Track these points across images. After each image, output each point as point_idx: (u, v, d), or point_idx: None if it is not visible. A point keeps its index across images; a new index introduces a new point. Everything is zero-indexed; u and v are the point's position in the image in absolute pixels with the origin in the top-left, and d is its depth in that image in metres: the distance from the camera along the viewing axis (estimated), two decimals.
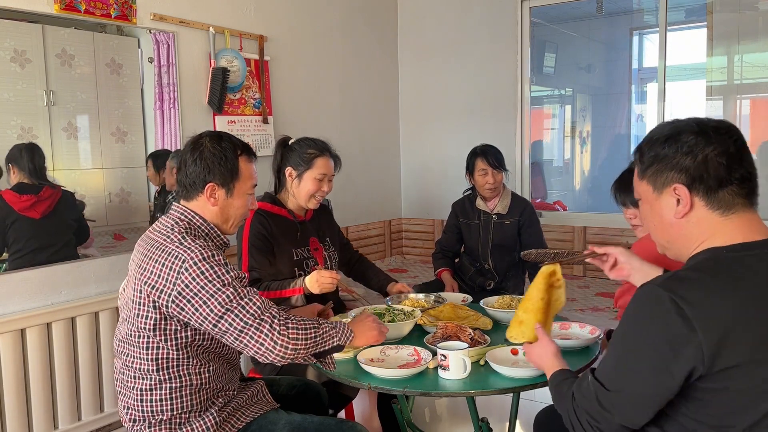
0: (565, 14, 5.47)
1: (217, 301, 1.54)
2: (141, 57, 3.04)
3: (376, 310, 2.25)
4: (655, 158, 1.22)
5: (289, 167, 2.41)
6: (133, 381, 1.66)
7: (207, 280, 1.55)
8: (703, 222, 1.18)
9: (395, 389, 1.74)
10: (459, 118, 4.56)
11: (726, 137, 1.17)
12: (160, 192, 3.11)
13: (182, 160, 1.74)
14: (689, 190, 1.17)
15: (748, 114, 4.10)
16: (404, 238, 4.94)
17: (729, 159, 1.15)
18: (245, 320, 1.54)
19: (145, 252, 1.66)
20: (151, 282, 1.59)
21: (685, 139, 1.18)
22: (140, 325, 1.62)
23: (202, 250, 1.58)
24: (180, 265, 1.56)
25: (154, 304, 1.59)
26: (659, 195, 1.22)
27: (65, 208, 2.76)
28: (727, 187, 1.15)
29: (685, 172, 1.17)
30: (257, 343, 1.54)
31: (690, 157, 1.16)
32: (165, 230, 1.67)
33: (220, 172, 1.71)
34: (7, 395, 2.50)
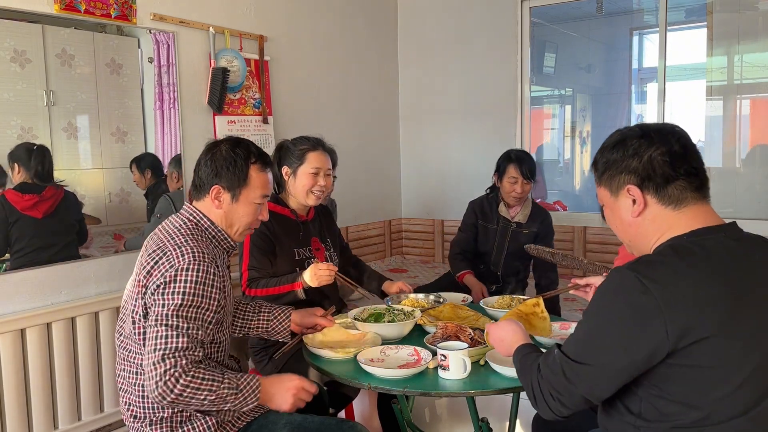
0: (565, 14, 5.46)
1: (163, 311, 1.55)
2: (141, 57, 3.04)
3: (376, 310, 2.25)
4: (606, 164, 1.32)
5: (284, 166, 2.42)
6: (134, 377, 1.67)
7: (174, 290, 1.56)
8: (658, 218, 1.27)
9: (395, 389, 1.74)
10: (459, 118, 4.56)
11: (669, 137, 1.26)
12: (146, 195, 3.11)
13: (197, 161, 1.78)
14: (641, 190, 1.26)
15: (748, 114, 4.10)
16: (404, 238, 4.94)
17: (672, 157, 1.24)
18: (156, 347, 1.52)
19: (149, 249, 1.68)
20: (143, 277, 1.62)
21: (630, 143, 1.28)
22: (137, 320, 1.64)
23: (193, 260, 1.59)
24: (167, 268, 1.59)
25: (142, 296, 1.62)
26: (616, 198, 1.32)
27: (68, 208, 2.76)
28: (674, 182, 1.24)
29: (634, 173, 1.26)
30: (148, 374, 1.53)
31: (636, 159, 1.26)
32: (172, 230, 1.70)
33: (228, 176, 1.73)
34: (7, 395, 2.50)
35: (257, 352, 2.44)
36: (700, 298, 1.14)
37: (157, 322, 1.54)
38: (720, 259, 1.19)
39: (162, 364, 1.51)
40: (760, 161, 4.04)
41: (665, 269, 1.17)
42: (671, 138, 1.26)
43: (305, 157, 2.39)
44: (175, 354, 1.52)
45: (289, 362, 2.35)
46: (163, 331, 1.53)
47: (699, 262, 1.18)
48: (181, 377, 1.51)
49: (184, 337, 1.54)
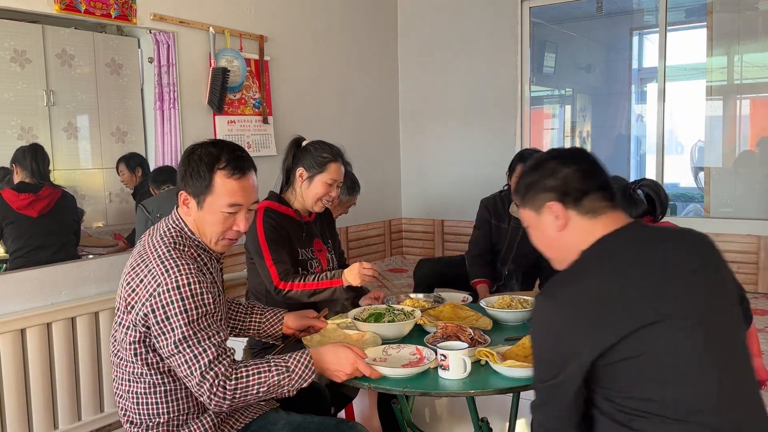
0: (565, 14, 5.47)
1: (175, 337, 1.52)
2: (141, 57, 3.04)
3: (377, 310, 2.25)
4: (528, 186, 1.44)
5: (301, 168, 2.40)
6: (128, 384, 1.65)
7: (174, 311, 1.52)
8: (578, 228, 1.38)
9: (395, 389, 1.74)
10: (459, 118, 4.56)
11: (579, 158, 1.42)
12: (134, 194, 3.10)
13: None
14: (562, 204, 1.38)
15: (748, 114, 4.10)
16: (404, 238, 4.94)
17: (584, 173, 1.39)
18: (191, 370, 1.52)
19: (132, 262, 1.64)
20: (128, 295, 1.59)
21: (547, 165, 1.42)
22: (126, 332, 1.61)
23: (179, 275, 1.54)
24: (155, 288, 1.54)
25: (128, 313, 1.59)
26: (539, 215, 1.42)
27: (64, 208, 2.75)
28: (589, 194, 1.37)
29: (554, 191, 1.39)
30: (198, 392, 1.55)
31: (554, 178, 1.39)
32: (156, 240, 1.64)
33: (192, 181, 1.63)
34: (7, 395, 2.50)
35: (255, 353, 2.44)
36: (609, 297, 1.24)
37: (178, 348, 1.53)
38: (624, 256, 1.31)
39: (205, 382, 1.52)
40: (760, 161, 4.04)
41: (570, 283, 1.31)
42: (580, 158, 1.42)
43: (327, 166, 2.37)
44: (211, 368, 1.52)
45: None
46: (189, 354, 1.52)
47: (605, 264, 1.31)
48: (227, 384, 1.52)
49: (210, 348, 1.53)
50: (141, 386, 1.63)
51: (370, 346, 1.97)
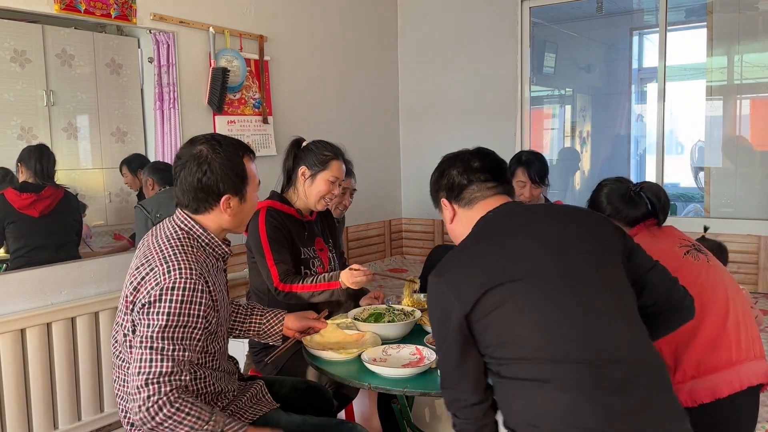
0: (565, 14, 5.46)
1: (147, 332, 1.50)
2: (141, 57, 3.04)
3: (377, 310, 2.25)
4: (431, 187, 1.69)
5: (303, 167, 2.41)
6: (129, 386, 1.63)
7: (158, 309, 1.51)
8: (462, 218, 1.61)
9: (395, 389, 1.74)
10: (459, 118, 4.56)
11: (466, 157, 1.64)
12: (139, 195, 3.09)
13: (187, 173, 1.64)
14: (448, 200, 1.63)
15: (748, 114, 4.10)
16: (404, 238, 4.94)
17: (464, 170, 1.61)
18: (140, 370, 1.48)
19: (137, 261, 1.64)
20: (130, 294, 1.58)
21: (441, 168, 1.67)
22: (127, 333, 1.60)
23: (179, 277, 1.53)
24: (153, 286, 1.53)
25: (130, 312, 1.58)
26: (441, 211, 1.68)
27: (66, 208, 2.75)
28: (466, 189, 1.60)
29: (443, 189, 1.64)
30: (131, 397, 1.49)
31: (443, 178, 1.65)
32: (162, 239, 1.63)
33: (233, 181, 1.65)
34: (7, 395, 2.50)
35: (257, 352, 2.44)
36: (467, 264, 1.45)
37: (142, 344, 1.50)
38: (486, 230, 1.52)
39: (145, 389, 1.46)
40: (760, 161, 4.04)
41: (450, 261, 1.49)
42: (469, 156, 1.64)
43: (329, 164, 2.39)
44: (158, 379, 1.47)
45: (288, 363, 2.35)
46: (147, 354, 1.48)
47: (471, 243, 1.51)
48: (165, 407, 1.46)
49: (169, 361, 1.49)
50: None
51: (370, 346, 1.97)
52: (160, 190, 3.07)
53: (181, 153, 1.68)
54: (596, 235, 1.49)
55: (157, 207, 3.04)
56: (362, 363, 1.85)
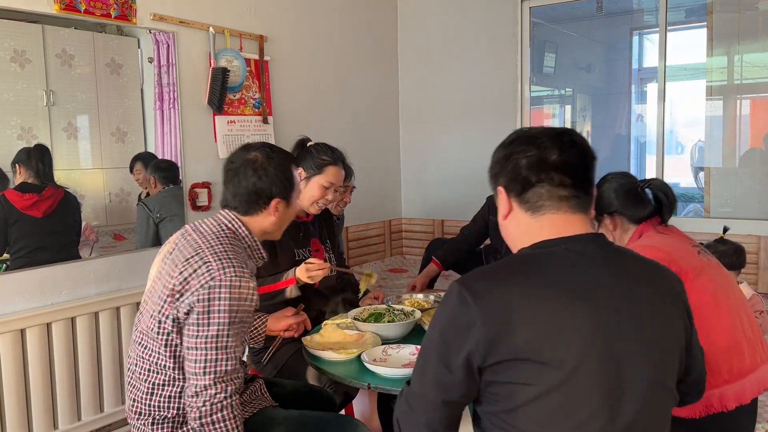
0: (565, 14, 5.47)
1: (209, 332, 1.54)
2: (141, 57, 3.04)
3: (377, 310, 2.25)
4: (491, 166, 1.32)
5: (300, 168, 2.41)
6: (146, 374, 1.66)
7: (219, 308, 1.55)
8: (521, 223, 1.26)
9: (395, 389, 1.74)
10: (459, 118, 4.56)
11: (545, 141, 1.22)
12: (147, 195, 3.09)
13: (240, 176, 1.72)
14: (506, 192, 1.26)
15: (748, 114, 4.10)
16: (404, 238, 4.94)
17: (539, 162, 1.21)
18: (206, 369, 1.54)
19: (184, 252, 1.65)
20: (179, 283, 1.59)
21: (506, 146, 1.28)
22: (163, 320, 1.61)
23: (234, 275, 1.57)
24: (207, 280, 1.56)
25: (175, 301, 1.60)
26: (497, 198, 1.31)
27: (67, 208, 2.76)
28: (532, 188, 1.22)
29: (504, 176, 1.26)
30: (195, 392, 1.55)
31: (509, 161, 1.25)
32: (209, 235, 1.67)
33: (284, 186, 1.74)
34: (7, 395, 2.50)
35: (256, 353, 2.44)
36: (514, 314, 1.11)
37: (207, 344, 1.54)
38: (542, 274, 1.16)
39: (213, 387, 1.54)
40: (761, 160, 4.04)
41: (489, 281, 1.17)
42: (547, 143, 1.22)
43: (325, 169, 2.39)
44: (224, 378, 1.55)
45: (288, 363, 2.35)
46: (213, 354, 1.54)
47: (524, 276, 1.16)
48: (226, 409, 1.55)
49: (232, 359, 1.57)
50: (160, 378, 1.64)
51: (370, 346, 1.97)
52: (163, 188, 3.08)
53: (234, 158, 1.76)
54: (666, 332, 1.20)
55: (159, 206, 3.04)
56: (362, 363, 1.85)
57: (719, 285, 1.78)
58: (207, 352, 1.54)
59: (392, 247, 4.84)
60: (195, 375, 1.55)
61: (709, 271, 1.78)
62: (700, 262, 1.79)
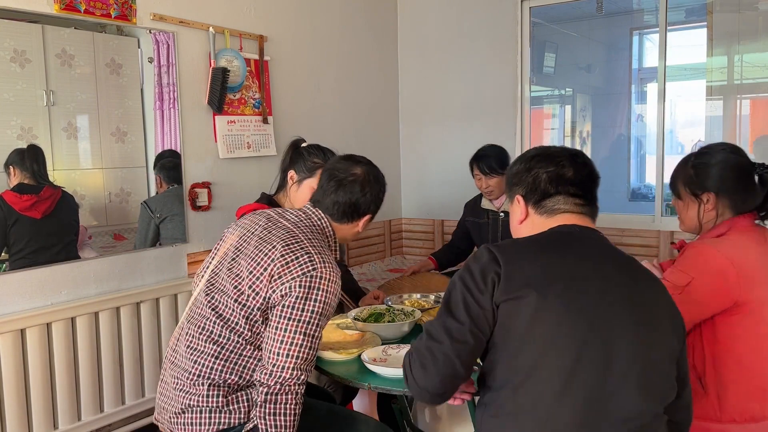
0: (565, 14, 5.47)
1: (298, 318, 1.61)
2: (141, 57, 3.04)
3: (376, 310, 2.25)
4: (510, 177, 1.52)
5: (292, 170, 2.40)
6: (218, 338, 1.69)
7: (314, 297, 1.62)
8: (535, 224, 1.45)
9: (395, 389, 1.74)
10: (459, 118, 4.56)
11: (562, 160, 1.44)
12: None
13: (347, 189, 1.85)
14: (525, 201, 1.47)
15: (748, 114, 4.10)
16: (404, 238, 4.94)
17: (555, 177, 1.43)
18: (290, 353, 1.60)
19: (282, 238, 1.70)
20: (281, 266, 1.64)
21: (527, 161, 1.48)
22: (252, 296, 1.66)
23: (332, 272, 1.67)
24: (311, 268, 1.64)
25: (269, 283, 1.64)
26: (512, 205, 1.52)
27: (65, 208, 2.76)
28: (550, 197, 1.43)
29: (523, 186, 1.47)
30: (272, 373, 1.60)
31: (526, 174, 1.46)
32: (301, 225, 1.77)
33: (376, 207, 1.94)
34: (7, 395, 2.50)
35: None
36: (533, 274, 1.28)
37: (298, 328, 1.60)
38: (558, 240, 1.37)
39: (290, 371, 1.59)
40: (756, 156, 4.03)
41: (513, 247, 1.35)
42: (564, 161, 1.44)
43: (316, 172, 2.37)
44: (305, 366, 1.61)
45: None
46: (300, 340, 1.60)
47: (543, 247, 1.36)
48: (295, 394, 1.61)
49: (314, 350, 1.63)
50: (230, 344, 1.68)
51: (370, 346, 1.97)
52: (168, 188, 3.09)
53: (340, 167, 1.90)
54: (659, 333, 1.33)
55: (161, 207, 3.05)
56: (362, 363, 1.85)
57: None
58: (295, 336, 1.59)
59: (392, 247, 4.84)
60: (277, 355, 1.60)
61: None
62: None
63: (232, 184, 3.39)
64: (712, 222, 1.76)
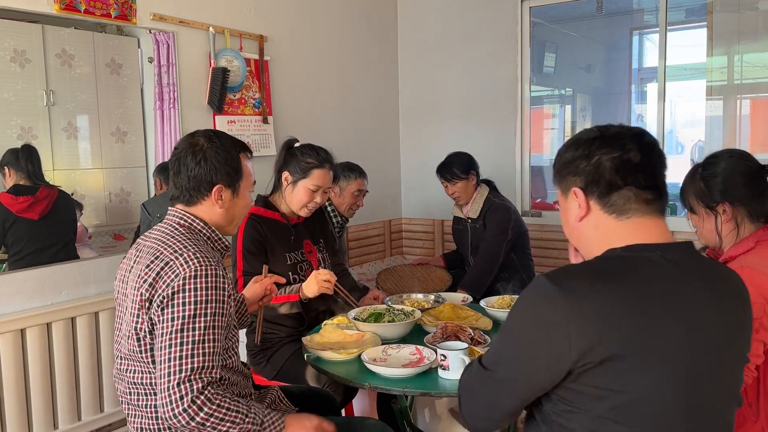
0: (565, 14, 5.46)
1: (172, 327, 1.44)
2: (141, 57, 3.04)
3: (376, 310, 2.25)
4: (561, 165, 1.26)
5: (286, 171, 2.40)
6: (145, 398, 1.56)
7: (185, 299, 1.46)
8: (600, 225, 1.20)
9: (395, 389, 1.74)
10: (459, 118, 4.56)
11: (626, 143, 1.18)
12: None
13: (181, 163, 1.64)
14: (585, 194, 1.20)
15: (748, 114, 4.10)
16: (404, 238, 4.94)
17: (622, 164, 1.17)
18: (171, 369, 1.41)
19: (143, 261, 1.56)
20: (146, 291, 1.51)
21: (584, 145, 1.21)
22: (142, 336, 1.52)
23: (199, 266, 1.49)
24: (173, 277, 1.48)
25: (147, 310, 1.51)
26: (566, 199, 1.25)
27: (63, 208, 2.74)
28: (618, 191, 1.17)
29: (581, 176, 1.20)
30: (163, 400, 1.42)
31: (586, 161, 1.20)
32: (164, 237, 1.59)
33: (227, 172, 1.64)
34: (7, 395, 2.50)
35: (255, 354, 2.44)
36: (605, 317, 1.07)
37: (171, 342, 1.43)
38: (642, 279, 1.12)
39: (178, 389, 1.40)
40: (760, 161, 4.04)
41: (579, 280, 1.11)
42: (629, 144, 1.18)
43: (310, 172, 2.36)
44: (191, 377, 1.41)
45: (288, 364, 2.35)
46: (177, 352, 1.42)
47: (615, 279, 1.11)
48: (205, 406, 1.41)
49: (200, 356, 1.43)
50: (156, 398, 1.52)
51: (370, 346, 1.97)
52: (167, 189, 3.08)
53: (178, 144, 1.69)
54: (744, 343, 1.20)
55: (158, 208, 3.04)
56: (362, 363, 1.85)
57: None
58: (170, 351, 1.42)
59: (392, 247, 4.84)
60: (161, 377, 1.42)
61: None
62: None
63: None
64: (734, 233, 1.68)
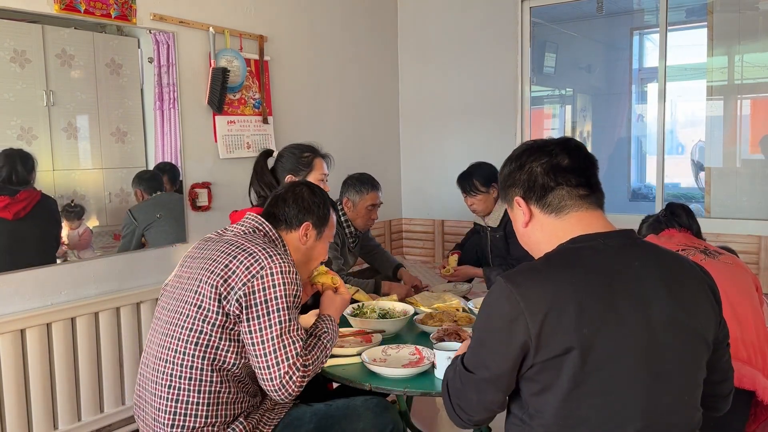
0: (565, 14, 5.47)
1: (272, 321, 1.59)
2: (141, 57, 3.04)
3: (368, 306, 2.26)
4: (503, 180, 1.40)
5: (288, 174, 2.40)
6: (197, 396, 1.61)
7: (276, 294, 1.60)
8: (545, 226, 1.32)
9: (395, 389, 1.74)
10: (459, 118, 4.56)
11: (552, 149, 1.32)
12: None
13: (280, 197, 1.85)
14: (525, 201, 1.33)
15: (749, 114, 4.10)
16: (404, 238, 4.94)
17: (552, 168, 1.30)
18: (279, 359, 1.58)
19: (217, 252, 1.68)
20: (220, 285, 1.61)
21: (518, 158, 1.35)
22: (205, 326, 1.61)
23: (282, 262, 1.63)
24: (258, 270, 1.60)
25: (219, 299, 1.60)
26: (512, 210, 1.38)
27: (43, 212, 2.67)
28: (552, 191, 1.30)
29: (519, 185, 1.34)
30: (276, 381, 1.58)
31: (519, 172, 1.34)
32: (241, 234, 1.74)
33: (318, 215, 1.84)
34: (7, 395, 2.50)
35: None
36: (554, 304, 1.17)
37: (272, 334, 1.58)
38: (589, 264, 1.22)
39: (292, 372, 1.58)
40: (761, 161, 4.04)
41: (531, 274, 1.23)
42: (556, 149, 1.31)
43: (313, 164, 2.39)
44: (296, 363, 1.59)
45: None
46: (279, 342, 1.58)
47: (564, 269, 1.22)
48: (306, 374, 1.60)
49: (298, 341, 1.61)
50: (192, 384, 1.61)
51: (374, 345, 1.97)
52: (149, 197, 3.06)
53: (282, 189, 1.89)
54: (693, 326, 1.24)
55: (144, 215, 3.01)
56: (362, 363, 1.85)
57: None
58: (275, 342, 1.58)
59: (392, 247, 4.84)
60: (267, 365, 1.58)
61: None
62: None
63: (231, 184, 3.39)
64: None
